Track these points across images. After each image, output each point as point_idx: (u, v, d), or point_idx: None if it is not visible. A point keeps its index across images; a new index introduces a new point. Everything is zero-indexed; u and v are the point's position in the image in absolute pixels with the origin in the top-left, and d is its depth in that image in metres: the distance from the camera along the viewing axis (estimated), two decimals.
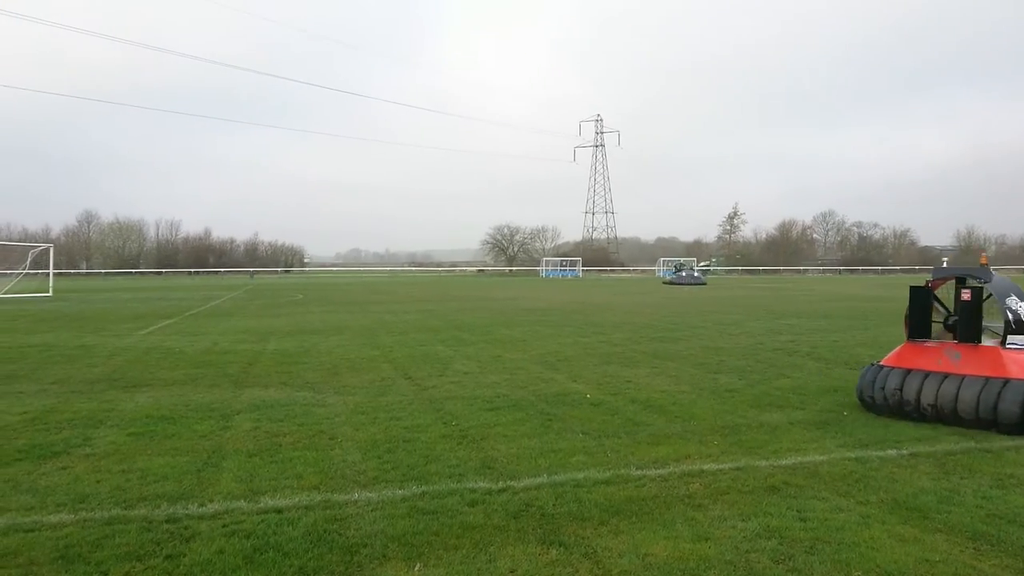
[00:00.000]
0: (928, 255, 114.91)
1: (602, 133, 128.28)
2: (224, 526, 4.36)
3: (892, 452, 5.97)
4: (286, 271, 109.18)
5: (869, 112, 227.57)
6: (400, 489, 5.06)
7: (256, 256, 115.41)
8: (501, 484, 5.15)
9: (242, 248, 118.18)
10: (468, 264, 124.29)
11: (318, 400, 8.35)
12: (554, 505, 4.71)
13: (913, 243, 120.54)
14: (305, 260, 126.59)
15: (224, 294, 38.83)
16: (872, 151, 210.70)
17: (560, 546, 4.04)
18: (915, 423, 6.99)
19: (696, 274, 60.01)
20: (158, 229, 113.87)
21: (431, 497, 4.88)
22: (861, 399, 7.68)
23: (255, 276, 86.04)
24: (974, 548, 4.00)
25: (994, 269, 7.64)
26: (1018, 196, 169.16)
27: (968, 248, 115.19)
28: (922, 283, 7.85)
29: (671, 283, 55.76)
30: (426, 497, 4.88)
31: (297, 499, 4.85)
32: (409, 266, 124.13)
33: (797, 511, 4.59)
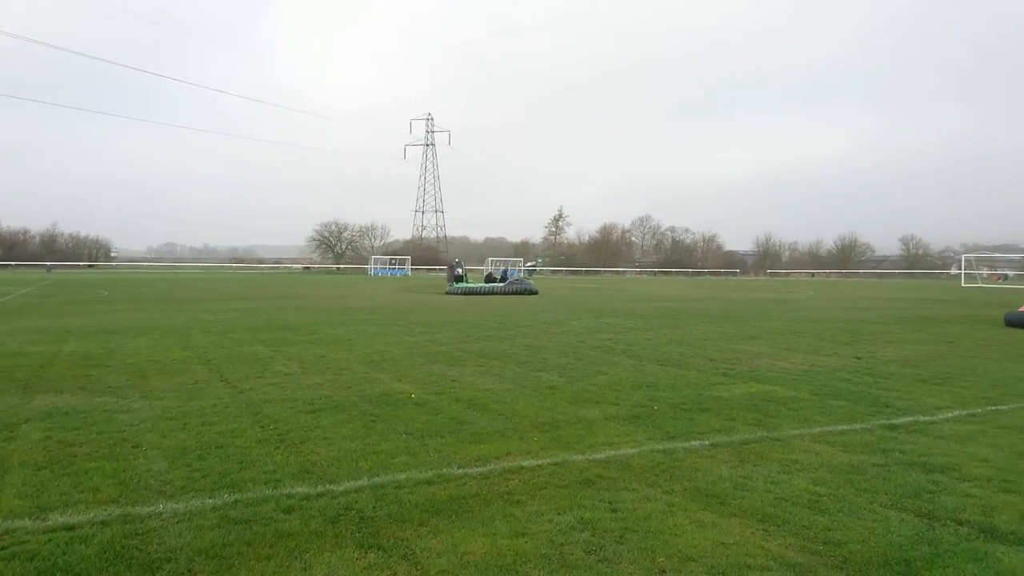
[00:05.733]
0: (732, 259, 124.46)
1: (433, 132, 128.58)
2: (3, 548, 3.94)
3: (696, 443, 6.39)
4: (90, 266, 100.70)
5: (687, 127, 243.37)
6: (210, 498, 4.79)
7: (55, 249, 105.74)
8: (320, 488, 5.01)
9: (38, 240, 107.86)
10: (294, 261, 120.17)
11: (121, 406, 7.75)
12: (374, 508, 4.64)
13: (720, 247, 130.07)
14: (112, 254, 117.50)
15: (14, 290, 35.21)
16: (687, 163, 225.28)
17: (379, 549, 3.99)
18: (718, 415, 7.54)
19: (517, 274, 42.17)
20: None
21: (244, 505, 4.66)
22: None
23: (52, 271, 78.76)
24: (763, 530, 4.36)
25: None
26: (807, 208, 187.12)
27: (766, 252, 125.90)
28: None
29: (454, 293, 35.16)
30: (239, 505, 4.66)
31: (92, 514, 4.46)
32: (230, 262, 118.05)
33: (609, 503, 4.80)
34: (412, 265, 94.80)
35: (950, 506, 4.79)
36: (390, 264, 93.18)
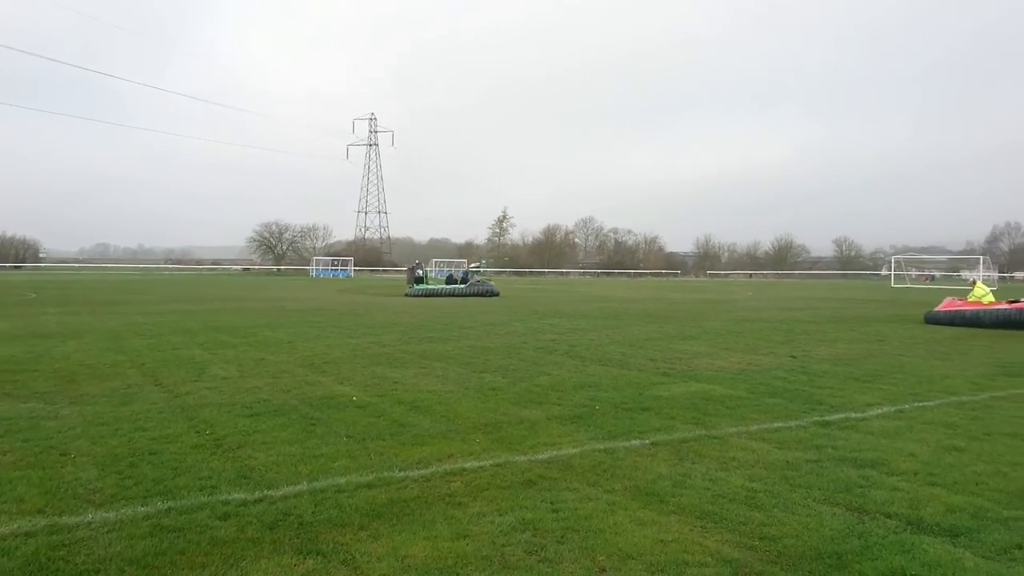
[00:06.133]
0: (673, 260, 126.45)
1: (376, 132, 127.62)
2: None
3: (636, 442, 6.46)
4: (16, 267, 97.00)
5: (631, 130, 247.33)
6: (143, 506, 4.65)
7: None
8: (258, 494, 4.91)
9: None
10: (233, 262, 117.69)
11: (49, 412, 7.47)
12: (313, 513, 4.57)
13: (661, 249, 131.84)
14: (41, 255, 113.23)
15: None
16: (630, 165, 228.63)
17: (317, 555, 3.93)
18: (658, 414, 7.65)
19: (475, 276, 39.17)
20: None
21: (178, 513, 4.54)
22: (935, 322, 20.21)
23: None
24: (701, 526, 4.44)
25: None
26: (746, 210, 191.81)
27: (706, 254, 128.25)
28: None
29: (418, 294, 33.92)
30: (172, 513, 4.53)
31: (16, 525, 4.29)
32: (166, 263, 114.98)
33: (551, 503, 4.82)
34: (355, 266, 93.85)
35: (879, 500, 4.95)
36: (332, 265, 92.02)
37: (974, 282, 22.09)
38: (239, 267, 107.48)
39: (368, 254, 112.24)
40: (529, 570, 3.78)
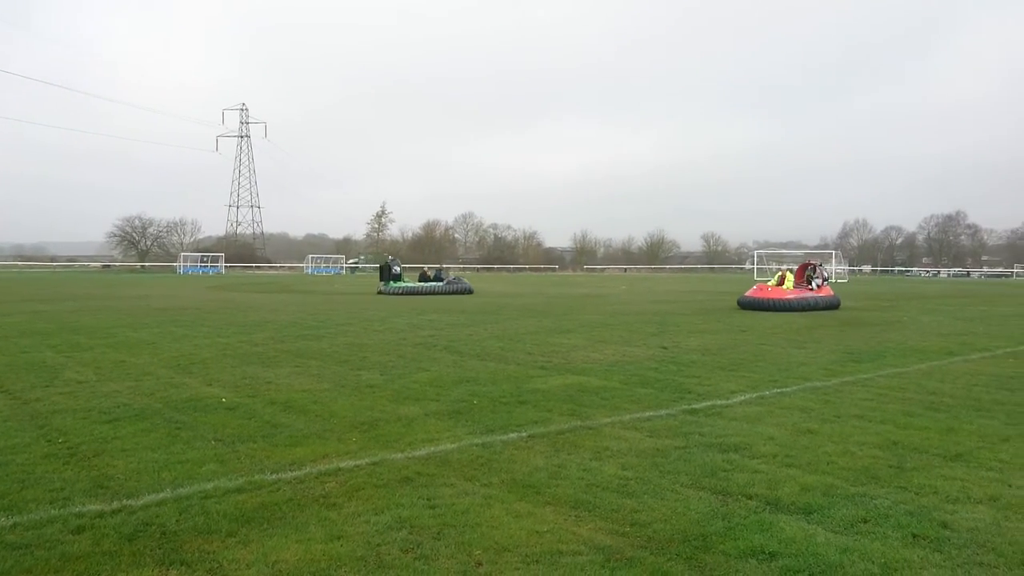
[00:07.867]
0: (552, 255, 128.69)
1: (248, 123, 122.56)
2: None
3: (513, 435, 6.53)
4: None
5: (510, 129, 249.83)
6: None
7: None
8: (116, 505, 4.63)
9: None
10: (91, 259, 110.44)
11: None
12: (177, 521, 4.36)
13: (540, 244, 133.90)
14: None
15: None
16: (509, 165, 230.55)
17: (181, 565, 3.75)
18: (535, 407, 7.76)
19: (452, 276, 37.79)
20: None
21: (24, 528, 4.22)
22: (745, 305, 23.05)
23: None
24: (575, 516, 4.53)
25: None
26: (620, 207, 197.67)
27: (583, 249, 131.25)
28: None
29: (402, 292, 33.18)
30: (18, 529, 4.21)
31: None
32: (15, 260, 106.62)
33: (427, 499, 4.80)
34: (227, 262, 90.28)
35: (741, 482, 5.21)
36: (202, 262, 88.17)
37: (783, 273, 24.34)
38: (99, 264, 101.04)
39: (241, 250, 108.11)
40: (405, 568, 3.74)
